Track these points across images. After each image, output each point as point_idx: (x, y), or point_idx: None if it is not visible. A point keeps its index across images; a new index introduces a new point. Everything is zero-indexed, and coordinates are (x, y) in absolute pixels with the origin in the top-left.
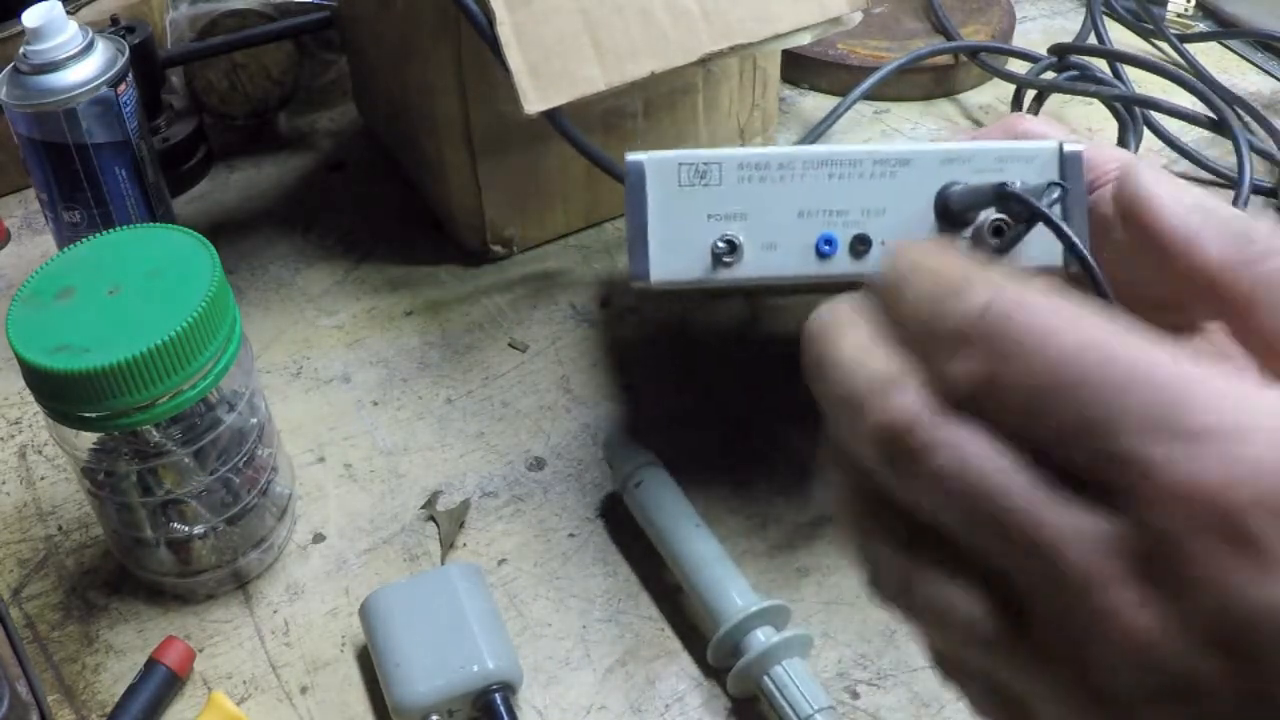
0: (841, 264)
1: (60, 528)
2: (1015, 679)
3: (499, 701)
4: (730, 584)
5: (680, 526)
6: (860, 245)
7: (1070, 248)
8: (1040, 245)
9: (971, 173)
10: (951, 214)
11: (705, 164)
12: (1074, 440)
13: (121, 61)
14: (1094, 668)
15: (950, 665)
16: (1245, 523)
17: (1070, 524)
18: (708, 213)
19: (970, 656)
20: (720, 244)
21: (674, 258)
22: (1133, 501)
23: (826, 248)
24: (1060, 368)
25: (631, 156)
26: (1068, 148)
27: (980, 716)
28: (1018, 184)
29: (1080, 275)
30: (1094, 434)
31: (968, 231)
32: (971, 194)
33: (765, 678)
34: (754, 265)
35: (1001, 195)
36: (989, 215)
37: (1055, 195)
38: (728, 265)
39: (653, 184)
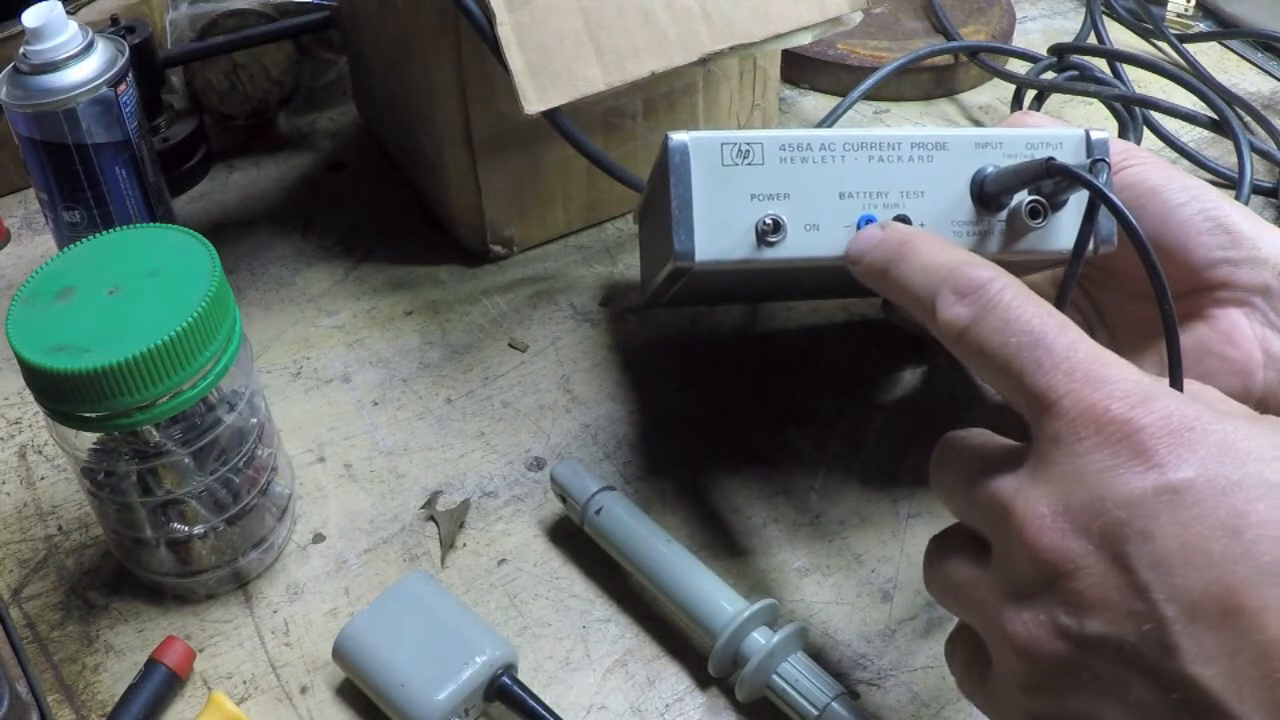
0: None
1: (60, 528)
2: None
3: (510, 683)
4: (717, 593)
5: (651, 546)
6: None
7: (1120, 218)
8: (1060, 233)
9: (1003, 157)
10: (987, 197)
11: (747, 144)
12: (1015, 378)
13: (121, 61)
14: (1007, 566)
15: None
16: (1139, 435)
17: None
18: (751, 193)
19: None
20: (766, 222)
21: (719, 237)
22: (1041, 424)
23: None
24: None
25: (674, 136)
26: (1094, 134)
27: None
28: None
29: (1099, 260)
30: (1023, 373)
31: (1002, 214)
32: (1012, 173)
33: (774, 677)
34: (797, 245)
35: (1051, 169)
36: (1024, 198)
37: (1103, 174)
38: (772, 245)
39: (697, 163)
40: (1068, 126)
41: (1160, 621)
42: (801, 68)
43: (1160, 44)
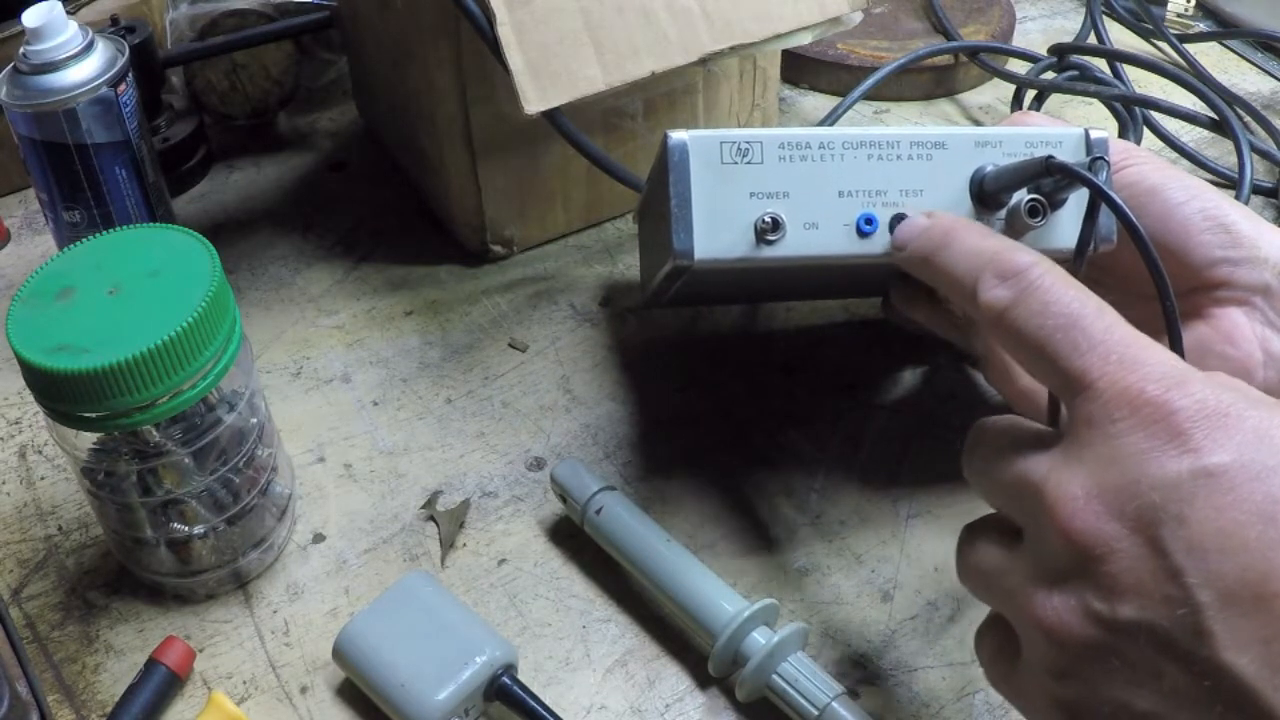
0: (882, 243)
1: (60, 528)
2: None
3: (511, 683)
4: (717, 593)
5: (651, 546)
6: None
7: (1120, 214)
8: (1059, 232)
9: (1002, 156)
10: (986, 195)
11: (746, 143)
12: (1051, 360)
13: (121, 61)
14: (1038, 549)
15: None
16: (1175, 418)
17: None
18: (750, 191)
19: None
20: (765, 220)
21: (718, 235)
22: (1075, 406)
23: (867, 227)
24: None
25: (674, 135)
26: (1094, 133)
27: None
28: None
29: (1098, 259)
30: (1060, 355)
31: (1002, 213)
32: (1012, 172)
33: (774, 677)
34: (796, 244)
35: (1051, 167)
36: (1023, 196)
37: (1103, 172)
38: (770, 243)
39: (696, 161)
40: (1067, 126)
41: (1195, 607)
42: (801, 68)
43: (1160, 44)
